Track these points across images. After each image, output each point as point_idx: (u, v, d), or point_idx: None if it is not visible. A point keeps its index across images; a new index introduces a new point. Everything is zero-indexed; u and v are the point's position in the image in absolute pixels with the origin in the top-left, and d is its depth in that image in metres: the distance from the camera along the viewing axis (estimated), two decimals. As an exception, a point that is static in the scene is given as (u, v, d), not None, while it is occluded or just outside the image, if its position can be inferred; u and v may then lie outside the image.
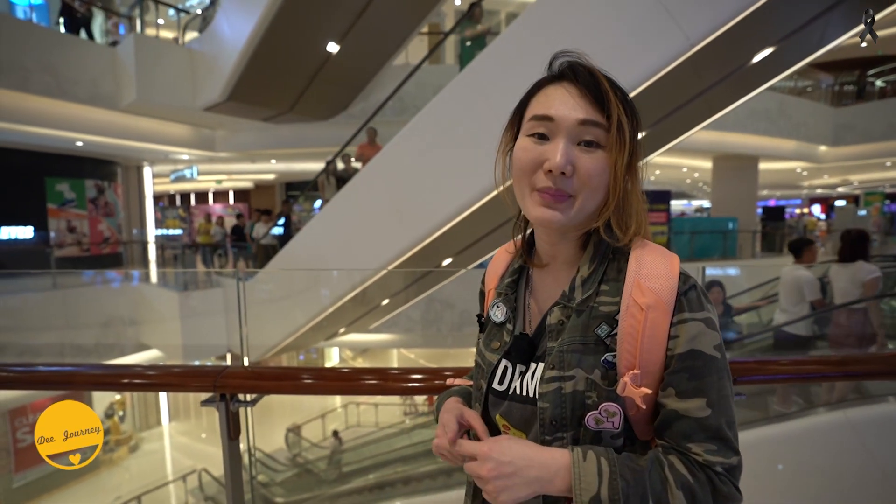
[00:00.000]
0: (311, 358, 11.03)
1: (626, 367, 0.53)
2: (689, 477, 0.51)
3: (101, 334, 6.45)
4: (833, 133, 10.79)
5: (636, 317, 0.53)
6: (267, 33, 6.16)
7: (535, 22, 3.23)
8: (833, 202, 20.80)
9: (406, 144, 4.26)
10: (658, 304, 0.53)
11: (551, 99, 0.55)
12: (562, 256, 0.61)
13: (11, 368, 1.24)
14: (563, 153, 0.53)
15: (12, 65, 6.12)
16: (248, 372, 1.16)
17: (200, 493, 6.65)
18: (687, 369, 0.53)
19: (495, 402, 0.62)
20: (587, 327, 0.56)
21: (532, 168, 0.55)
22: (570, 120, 0.53)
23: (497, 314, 0.65)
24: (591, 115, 0.53)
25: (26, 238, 8.44)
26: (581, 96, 0.54)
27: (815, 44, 3.42)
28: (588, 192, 0.54)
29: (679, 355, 0.53)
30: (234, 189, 17.85)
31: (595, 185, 0.54)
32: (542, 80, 0.59)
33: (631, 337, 0.53)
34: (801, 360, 1.19)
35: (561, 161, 0.52)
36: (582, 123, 0.53)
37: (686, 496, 0.50)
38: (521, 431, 0.60)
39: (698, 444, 0.52)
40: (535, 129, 0.55)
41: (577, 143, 0.54)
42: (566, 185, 0.54)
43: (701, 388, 0.52)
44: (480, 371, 0.65)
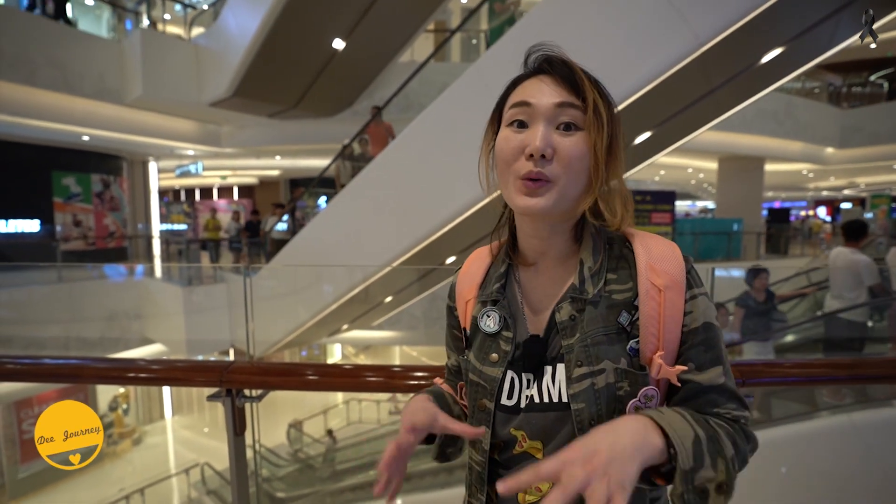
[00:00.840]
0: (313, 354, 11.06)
1: (651, 350, 0.54)
2: (730, 429, 0.53)
3: (106, 328, 6.49)
4: (840, 135, 10.71)
5: (655, 299, 0.54)
6: (273, 30, 6.17)
7: (543, 21, 3.22)
8: (839, 204, 20.65)
9: (411, 142, 4.26)
10: (673, 284, 0.55)
11: (528, 89, 0.56)
12: (553, 251, 0.60)
13: (20, 361, 1.25)
14: (542, 136, 0.53)
15: (20, 59, 6.15)
16: (255, 367, 1.17)
17: (203, 486, 6.70)
18: (703, 342, 0.55)
19: (505, 420, 0.59)
20: (606, 318, 0.56)
21: (514, 156, 0.55)
22: (547, 104, 0.54)
23: (489, 324, 0.61)
24: (567, 97, 0.54)
25: (33, 231, 8.50)
26: (556, 83, 0.55)
27: (824, 44, 3.39)
28: (570, 176, 0.54)
29: (696, 329, 0.55)
30: (239, 185, 17.90)
31: (576, 167, 0.54)
32: (519, 77, 0.59)
33: (653, 319, 0.54)
34: (809, 363, 1.19)
35: (541, 144, 0.53)
36: (559, 106, 0.54)
37: (735, 444, 0.51)
38: (537, 441, 0.58)
39: (724, 406, 0.55)
40: (515, 116, 0.56)
41: (557, 128, 0.54)
42: (548, 168, 0.53)
43: (716, 358, 0.55)
44: (480, 390, 0.61)
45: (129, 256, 9.86)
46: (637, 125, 4.01)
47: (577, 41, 3.02)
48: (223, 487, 6.23)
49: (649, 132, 4.24)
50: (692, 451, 0.47)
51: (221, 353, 6.73)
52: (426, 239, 4.08)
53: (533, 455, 0.58)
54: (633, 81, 2.86)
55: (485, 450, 0.60)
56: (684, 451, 0.46)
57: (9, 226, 8.27)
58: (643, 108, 3.20)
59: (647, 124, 4.06)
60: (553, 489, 0.41)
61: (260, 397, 1.19)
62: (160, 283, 7.28)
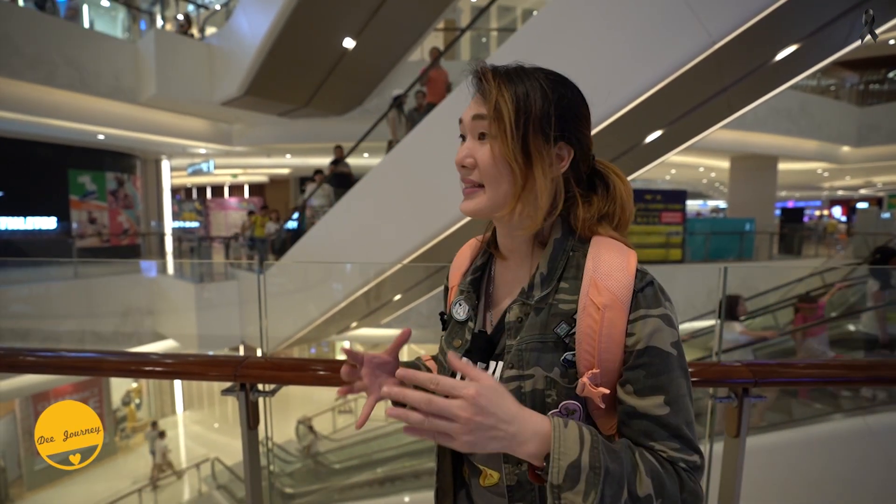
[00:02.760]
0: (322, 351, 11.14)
1: (586, 366, 0.54)
2: (658, 466, 0.51)
3: (120, 323, 6.61)
4: (857, 133, 10.49)
5: (593, 316, 0.53)
6: (284, 29, 6.22)
7: (554, 18, 3.20)
8: (855, 204, 20.23)
9: (421, 140, 4.27)
10: (614, 304, 0.53)
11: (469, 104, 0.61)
12: (519, 250, 0.62)
13: (41, 353, 1.28)
14: (462, 148, 0.59)
15: (39, 59, 6.28)
16: (268, 362, 1.18)
17: (213, 481, 6.80)
18: (644, 366, 0.53)
19: None
20: (546, 326, 0.56)
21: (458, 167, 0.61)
22: (467, 118, 0.59)
23: (459, 312, 0.65)
24: (479, 109, 0.57)
25: (49, 228, 8.69)
26: (477, 95, 0.59)
27: (841, 42, 3.33)
28: (490, 180, 0.57)
29: (637, 352, 0.53)
30: (250, 183, 18.08)
31: (491, 172, 0.57)
32: None
33: (589, 337, 0.53)
34: (824, 364, 1.17)
35: (459, 156, 0.59)
36: (474, 118, 0.58)
37: (655, 484, 0.49)
38: None
39: (660, 442, 0.52)
40: (460, 131, 0.62)
41: (478, 137, 0.58)
42: (473, 176, 0.59)
43: (658, 386, 0.52)
44: (443, 372, 0.66)
45: (143, 253, 10.03)
46: (648, 124, 3.97)
47: (589, 39, 3.00)
48: (233, 482, 6.31)
49: (660, 131, 4.20)
50: (564, 472, 0.47)
51: (232, 350, 6.82)
52: (436, 237, 4.09)
53: None
54: (645, 79, 2.84)
55: None
56: (556, 468, 0.47)
57: (27, 223, 8.45)
58: (655, 107, 3.17)
59: (658, 123, 4.02)
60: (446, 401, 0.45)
61: (273, 392, 1.21)
62: (172, 279, 7.40)
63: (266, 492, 1.47)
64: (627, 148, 4.46)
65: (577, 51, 3.02)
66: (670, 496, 0.50)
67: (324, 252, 5.46)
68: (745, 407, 1.13)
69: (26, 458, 7.38)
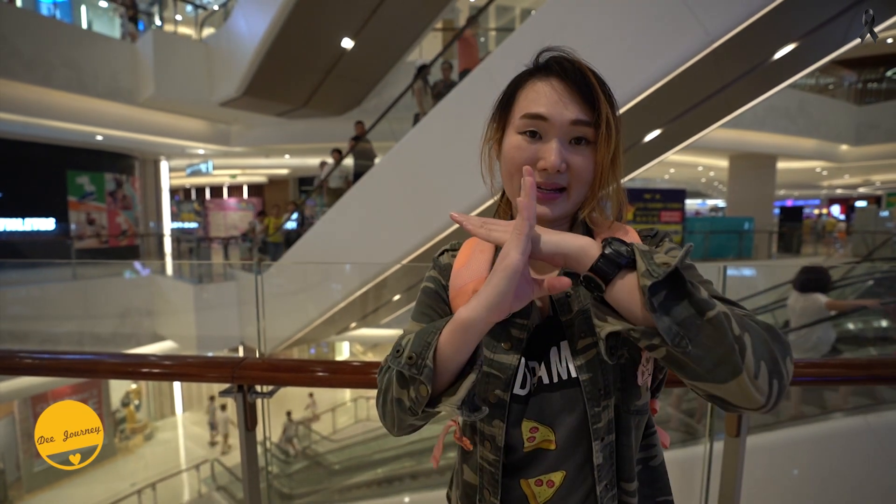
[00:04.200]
0: (321, 352, 11.14)
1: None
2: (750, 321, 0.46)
3: (119, 324, 6.60)
4: (855, 131, 10.51)
5: None
6: (282, 29, 6.21)
7: (553, 17, 3.20)
8: (853, 203, 20.27)
9: (420, 139, 4.27)
10: None
11: (541, 96, 0.56)
12: None
13: (38, 356, 1.28)
14: (557, 153, 0.55)
15: (36, 60, 6.27)
16: (266, 364, 1.18)
17: (213, 482, 6.79)
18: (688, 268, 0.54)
19: (517, 410, 0.57)
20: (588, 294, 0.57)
21: (522, 166, 0.55)
22: (563, 120, 0.55)
23: None
24: (582, 114, 0.55)
25: (48, 230, 8.67)
26: (571, 94, 0.55)
27: (839, 40, 3.33)
28: (579, 186, 0.57)
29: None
30: (249, 184, 18.06)
31: (585, 179, 0.57)
32: (528, 73, 0.59)
33: None
34: (823, 363, 1.17)
35: (556, 161, 0.55)
36: (574, 123, 0.55)
37: (755, 333, 0.45)
38: (549, 428, 0.57)
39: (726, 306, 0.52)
40: (528, 127, 0.56)
41: (569, 141, 0.56)
42: (560, 179, 0.56)
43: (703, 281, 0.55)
44: (492, 380, 0.58)
45: (141, 254, 10.02)
46: (647, 123, 3.97)
47: (587, 38, 3.00)
48: (232, 483, 6.30)
49: (659, 130, 4.20)
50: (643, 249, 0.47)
51: (231, 350, 6.81)
52: (435, 237, 4.09)
53: (545, 448, 0.57)
54: (643, 79, 2.84)
55: (499, 447, 0.57)
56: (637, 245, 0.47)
57: (25, 224, 8.44)
58: (653, 106, 3.17)
59: (656, 122, 4.03)
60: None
61: (271, 393, 1.20)
62: (171, 280, 7.38)
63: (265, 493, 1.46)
64: (626, 147, 4.45)
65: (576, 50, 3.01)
66: (754, 329, 0.45)
67: (323, 252, 5.46)
68: (745, 406, 1.13)
69: (25, 460, 7.37)
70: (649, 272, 0.44)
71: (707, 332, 0.43)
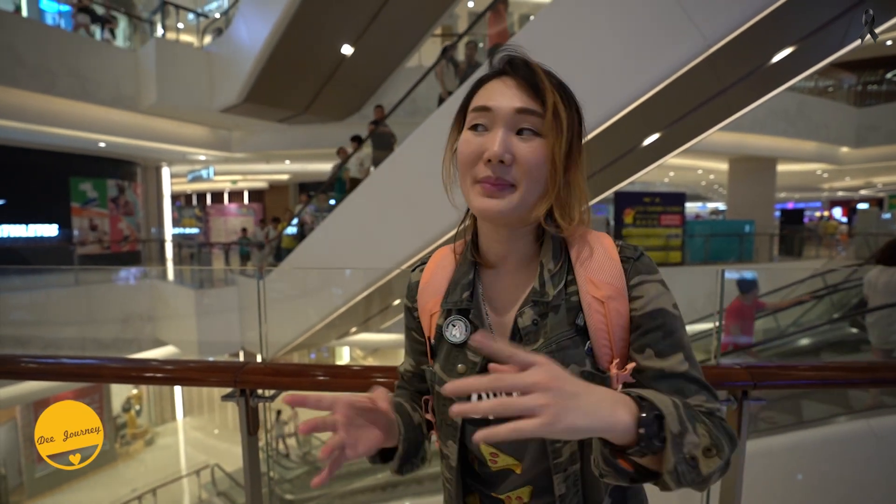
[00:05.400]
0: (322, 357, 11.13)
1: (606, 360, 0.54)
2: (704, 418, 0.49)
3: (121, 330, 6.61)
4: (856, 134, 10.51)
5: (599, 311, 0.54)
6: (283, 36, 6.26)
7: (551, 22, 3.23)
8: (855, 205, 20.24)
9: (419, 145, 4.29)
10: (615, 293, 0.54)
11: (490, 91, 0.55)
12: (516, 255, 0.59)
13: (42, 360, 1.29)
14: (500, 141, 0.52)
15: (41, 69, 6.33)
16: (268, 368, 1.19)
17: (213, 488, 6.76)
18: (660, 327, 0.53)
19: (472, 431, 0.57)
20: (568, 321, 0.55)
21: (473, 160, 0.54)
22: (507, 109, 0.53)
23: (455, 333, 0.58)
24: (528, 103, 0.53)
25: (51, 236, 8.71)
26: (518, 87, 0.54)
27: (837, 43, 3.35)
28: (529, 181, 0.53)
29: (648, 314, 0.53)
30: (249, 189, 18.13)
31: (535, 173, 0.53)
32: (483, 77, 0.58)
33: (602, 332, 0.54)
34: (825, 366, 1.17)
35: (499, 149, 0.52)
36: (519, 112, 0.53)
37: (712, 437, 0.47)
38: (511, 458, 0.57)
39: (694, 397, 0.52)
40: (475, 120, 0.55)
41: (517, 133, 0.53)
42: (507, 173, 0.53)
43: (675, 344, 0.53)
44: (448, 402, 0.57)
45: (143, 260, 10.04)
46: (646, 127, 3.99)
47: (585, 43, 3.02)
48: (233, 489, 6.28)
49: (658, 133, 4.22)
50: (676, 415, 0.43)
51: (232, 355, 6.81)
52: (435, 241, 4.10)
53: (513, 470, 0.57)
54: (641, 83, 2.85)
55: (452, 466, 0.59)
56: (670, 415, 0.43)
57: (29, 230, 8.48)
58: (652, 110, 3.18)
59: (656, 126, 4.04)
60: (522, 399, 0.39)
61: (272, 397, 1.21)
62: (173, 285, 7.40)
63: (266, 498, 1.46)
64: (626, 151, 4.47)
65: (574, 55, 3.04)
66: (723, 446, 0.47)
67: (323, 257, 5.47)
68: (745, 410, 1.13)
69: (27, 466, 7.35)
70: (677, 475, 0.43)
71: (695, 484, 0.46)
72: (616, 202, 8.66)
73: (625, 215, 8.59)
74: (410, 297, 0.67)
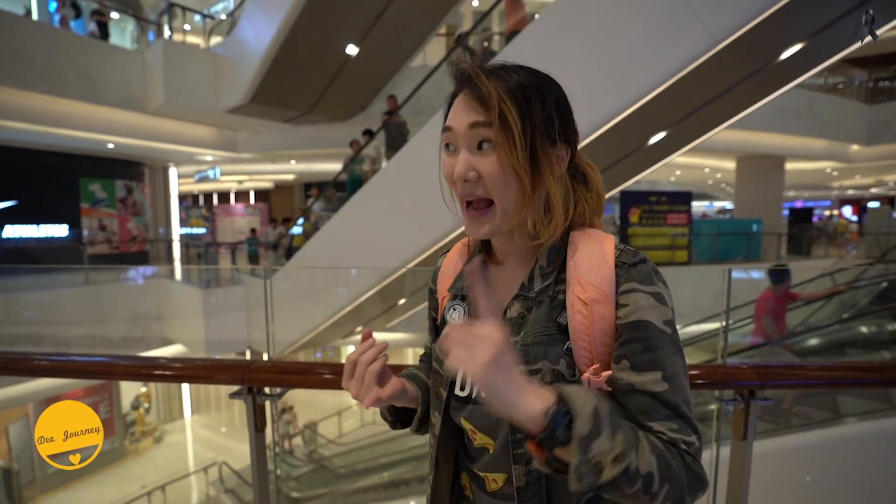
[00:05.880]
0: (327, 356, 11.17)
1: (584, 363, 0.53)
2: (662, 448, 0.48)
3: (129, 328, 6.69)
4: (867, 131, 10.36)
5: (582, 312, 0.53)
6: (288, 37, 6.29)
7: (556, 21, 3.22)
8: (866, 203, 19.97)
9: (424, 145, 4.30)
10: (600, 297, 0.53)
11: (453, 109, 0.56)
12: (517, 253, 0.60)
13: (54, 358, 1.31)
14: (462, 161, 0.54)
15: (51, 71, 6.41)
16: (274, 366, 1.20)
17: (221, 485, 6.82)
18: (640, 340, 0.51)
19: (458, 408, 0.61)
20: (549, 317, 0.55)
21: (452, 181, 0.56)
22: (461, 126, 0.54)
23: (454, 317, 0.63)
24: (476, 116, 0.53)
25: (61, 236, 8.82)
26: (470, 101, 0.54)
27: (847, 39, 3.30)
28: (499, 193, 0.53)
29: (630, 324, 0.52)
30: (255, 189, 18.24)
31: (501, 184, 0.53)
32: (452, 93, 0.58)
33: (582, 333, 0.53)
34: (833, 366, 1.16)
35: (460, 169, 0.53)
36: (471, 127, 0.53)
37: (661, 465, 0.46)
38: (487, 437, 0.58)
39: (660, 422, 0.50)
40: (446, 140, 0.56)
41: (478, 147, 0.54)
42: (478, 190, 0.54)
43: (655, 361, 0.51)
44: (439, 378, 0.63)
45: (151, 259, 10.15)
46: (652, 125, 3.96)
47: (591, 41, 3.01)
48: (240, 486, 6.34)
49: (664, 132, 4.19)
50: (590, 419, 0.44)
51: (239, 354, 6.87)
52: (440, 240, 4.11)
53: (487, 449, 0.59)
54: (647, 81, 2.83)
55: (434, 434, 0.64)
56: (580, 418, 0.44)
57: (39, 230, 8.59)
58: (658, 108, 3.16)
59: (662, 124, 4.01)
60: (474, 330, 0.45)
61: (279, 395, 1.22)
62: (180, 285, 7.47)
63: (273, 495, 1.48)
64: (632, 149, 4.45)
65: (580, 53, 3.03)
66: (677, 479, 0.47)
67: (329, 257, 5.49)
68: (752, 409, 1.13)
69: (39, 462, 7.47)
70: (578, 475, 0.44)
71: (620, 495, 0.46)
72: (622, 201, 8.62)
73: (630, 214, 8.54)
74: (434, 280, 0.72)
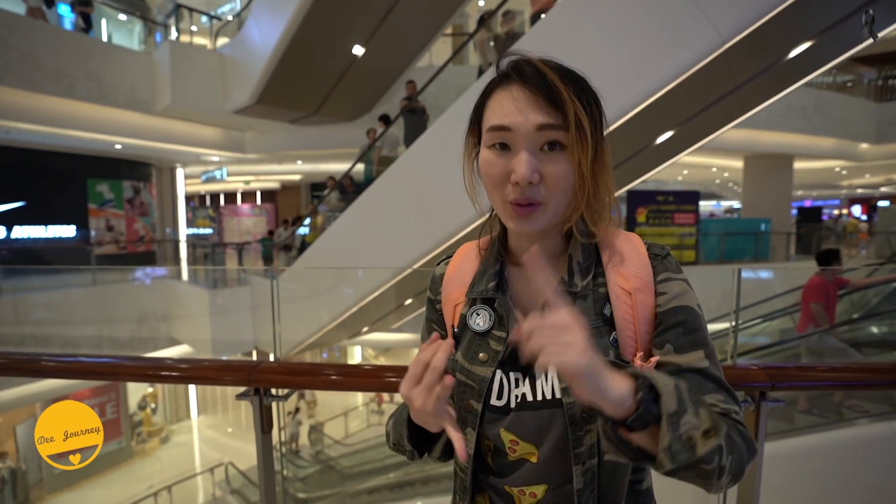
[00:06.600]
0: (333, 356, 11.20)
1: (630, 352, 0.55)
2: (719, 418, 0.48)
3: (136, 329, 6.74)
4: (876, 129, 10.24)
5: (627, 302, 0.55)
6: (295, 38, 6.32)
7: (563, 19, 3.20)
8: (875, 202, 19.72)
9: (430, 145, 4.29)
10: (642, 286, 0.56)
11: (504, 106, 0.53)
12: (546, 252, 0.60)
13: (61, 358, 1.31)
14: (527, 164, 0.51)
15: (59, 73, 6.48)
16: (281, 367, 1.20)
17: (227, 485, 6.86)
18: (681, 324, 0.54)
19: (494, 420, 0.57)
20: (594, 310, 0.56)
21: (501, 181, 0.54)
22: (526, 127, 0.51)
23: (479, 322, 0.60)
24: (547, 118, 0.51)
25: (69, 236, 8.91)
26: (532, 99, 0.51)
27: (856, 37, 3.26)
28: (558, 196, 0.53)
29: (671, 310, 0.55)
30: (262, 190, 18.34)
31: (563, 186, 0.53)
32: (493, 83, 0.56)
33: (628, 323, 0.55)
34: (845, 367, 1.14)
35: (526, 172, 0.51)
36: (539, 129, 0.51)
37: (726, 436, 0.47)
38: (531, 444, 0.56)
39: (710, 394, 0.52)
40: (495, 140, 0.53)
41: (540, 148, 0.52)
42: (536, 193, 0.52)
43: (697, 342, 0.54)
44: (468, 390, 0.59)
45: (158, 260, 10.22)
46: (659, 124, 3.94)
47: (598, 40, 2.99)
48: (246, 487, 6.36)
49: (672, 131, 4.16)
50: (675, 395, 0.44)
51: (245, 354, 6.90)
52: (447, 241, 4.10)
53: (528, 459, 0.57)
54: (655, 80, 2.81)
55: (469, 454, 0.58)
56: (668, 393, 0.44)
57: (47, 231, 8.68)
58: (665, 107, 3.14)
59: (669, 123, 3.98)
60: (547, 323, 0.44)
61: (286, 396, 1.22)
62: (187, 285, 7.52)
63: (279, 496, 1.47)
64: (639, 148, 4.42)
65: (587, 52, 3.01)
66: (738, 449, 0.48)
67: (335, 257, 5.51)
68: (763, 411, 1.11)
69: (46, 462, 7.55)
70: (671, 453, 0.44)
71: (698, 473, 0.46)
72: (629, 201, 8.57)
73: (637, 214, 8.50)
74: (434, 290, 0.69)
